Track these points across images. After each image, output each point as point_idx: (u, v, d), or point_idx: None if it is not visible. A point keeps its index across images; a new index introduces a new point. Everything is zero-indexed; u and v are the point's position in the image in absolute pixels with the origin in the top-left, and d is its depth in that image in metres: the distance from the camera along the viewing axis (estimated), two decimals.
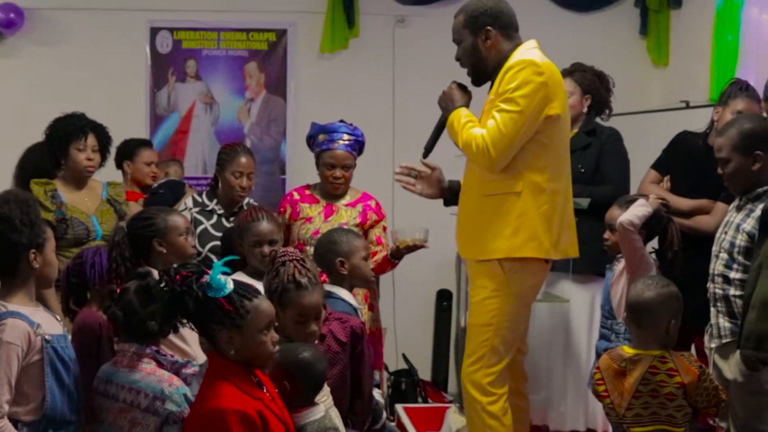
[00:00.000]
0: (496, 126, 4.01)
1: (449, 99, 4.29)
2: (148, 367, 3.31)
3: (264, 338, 3.00)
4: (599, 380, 3.79)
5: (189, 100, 7.36)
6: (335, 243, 4.14)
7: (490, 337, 4.16)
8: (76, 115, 5.02)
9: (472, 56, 4.22)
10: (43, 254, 3.32)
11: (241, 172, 5.05)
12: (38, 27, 7.18)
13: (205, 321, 3.02)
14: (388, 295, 6.85)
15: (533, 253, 4.14)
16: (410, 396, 6.77)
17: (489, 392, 4.16)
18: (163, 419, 3.21)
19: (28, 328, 3.20)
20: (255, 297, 3.02)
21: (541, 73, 4.02)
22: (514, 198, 4.10)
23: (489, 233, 4.14)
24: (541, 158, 4.12)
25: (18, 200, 3.30)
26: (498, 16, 4.18)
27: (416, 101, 7.02)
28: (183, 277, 3.00)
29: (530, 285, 4.28)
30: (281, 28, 7.36)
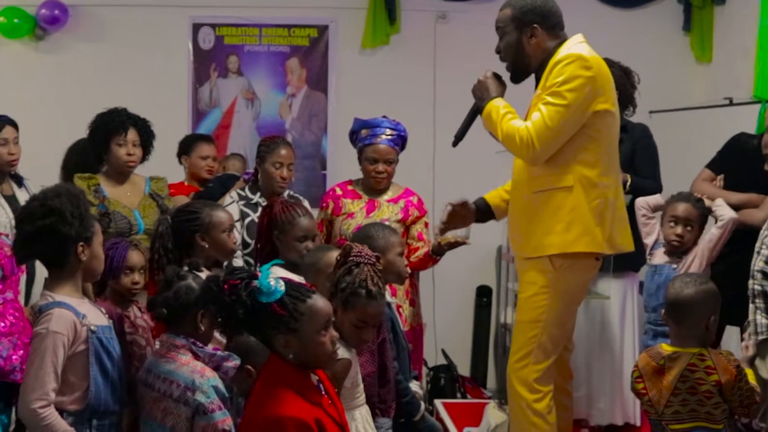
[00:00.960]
0: (542, 119, 3.98)
1: (484, 88, 4.25)
2: (183, 358, 3.35)
3: (322, 339, 2.92)
4: (638, 378, 3.79)
5: (231, 95, 7.39)
6: (371, 238, 4.13)
7: (538, 333, 4.14)
8: (116, 111, 5.04)
9: (515, 52, 4.19)
10: (90, 247, 3.35)
11: (281, 163, 5.10)
12: (82, 23, 7.25)
13: (259, 327, 2.95)
14: (428, 291, 6.84)
15: (586, 248, 4.11)
16: (449, 391, 6.77)
17: (535, 389, 4.15)
18: (193, 410, 3.24)
19: (75, 318, 3.24)
20: (309, 297, 2.93)
21: (590, 67, 3.99)
22: (565, 193, 4.07)
23: (541, 229, 4.12)
24: (592, 152, 4.09)
25: (69, 194, 3.34)
26: (546, 15, 4.15)
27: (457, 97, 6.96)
28: (231, 286, 2.92)
29: (580, 282, 4.26)
30: (323, 24, 7.38)
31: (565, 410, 4.44)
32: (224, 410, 3.27)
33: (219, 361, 3.40)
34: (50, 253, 3.34)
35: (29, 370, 3.20)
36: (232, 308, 2.90)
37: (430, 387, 6.77)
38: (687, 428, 3.64)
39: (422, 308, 5.52)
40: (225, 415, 3.26)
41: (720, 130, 5.53)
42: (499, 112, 4.13)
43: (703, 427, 3.64)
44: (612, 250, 4.25)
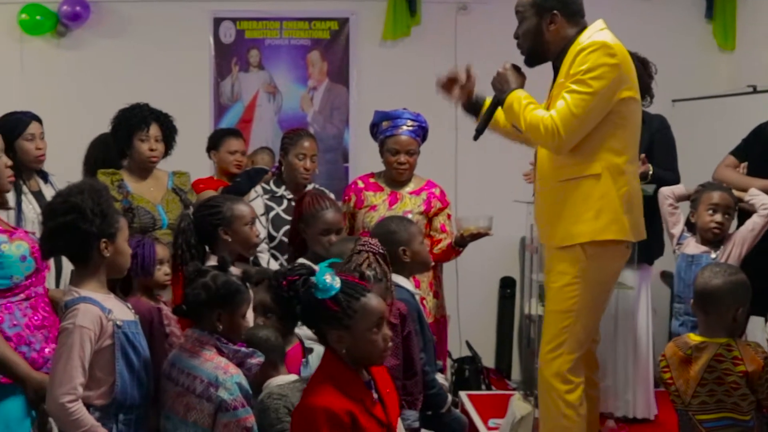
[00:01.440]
0: (567, 107, 3.95)
1: (504, 80, 4.22)
2: (208, 353, 3.35)
3: (374, 337, 2.99)
4: (665, 368, 3.78)
5: (252, 89, 7.41)
6: (394, 232, 4.14)
7: (570, 323, 4.12)
8: (138, 106, 5.07)
9: (534, 37, 4.17)
10: (114, 243, 3.35)
11: (304, 155, 5.12)
12: (103, 19, 7.28)
13: (314, 322, 3.05)
14: (452, 283, 6.83)
15: (616, 235, 4.09)
16: (474, 383, 6.76)
17: (568, 380, 4.13)
18: (216, 406, 3.25)
19: (100, 312, 3.26)
20: (363, 295, 3.01)
21: (614, 54, 3.97)
22: (594, 181, 4.05)
23: (570, 218, 4.10)
24: (619, 139, 4.07)
25: (92, 190, 3.35)
26: (567, 1, 4.12)
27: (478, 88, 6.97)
28: (289, 282, 3.01)
29: (611, 270, 4.24)
30: (343, 17, 7.38)
31: (592, 401, 4.43)
32: (247, 407, 3.28)
33: (243, 357, 3.40)
34: (73, 249, 3.36)
35: (56, 364, 3.22)
36: (289, 303, 3.02)
37: (455, 379, 6.76)
38: (713, 419, 3.62)
39: (446, 300, 5.52)
40: (248, 412, 3.27)
41: (743, 118, 5.49)
42: (521, 102, 4.10)
43: (729, 417, 3.61)
44: (636, 238, 4.23)
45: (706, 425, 3.64)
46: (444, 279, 5.55)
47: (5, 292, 3.44)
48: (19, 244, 3.48)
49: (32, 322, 3.48)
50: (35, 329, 3.47)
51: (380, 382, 3.09)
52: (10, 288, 3.45)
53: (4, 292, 3.44)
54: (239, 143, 6.31)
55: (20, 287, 3.47)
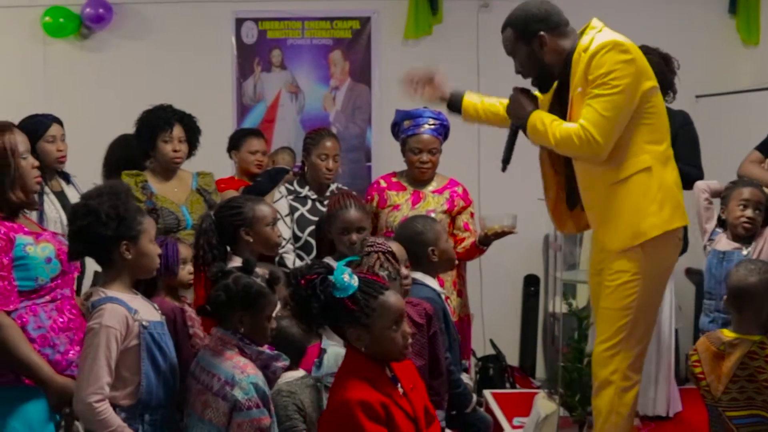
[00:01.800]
0: (596, 113, 3.89)
1: (519, 106, 4.18)
2: (229, 353, 3.35)
3: (393, 334, 3.00)
4: (696, 362, 3.79)
5: (275, 89, 7.43)
6: (421, 233, 4.13)
7: (630, 321, 4.05)
8: (162, 107, 5.07)
9: (534, 65, 4.12)
10: (137, 245, 3.36)
11: (327, 155, 5.12)
12: (126, 21, 7.32)
13: (334, 320, 3.06)
14: (475, 281, 6.82)
15: (682, 222, 4.06)
16: (498, 382, 6.75)
17: (628, 377, 4.06)
18: (231, 405, 3.24)
19: (126, 312, 3.27)
20: (381, 293, 3.01)
21: (627, 50, 3.92)
22: (647, 174, 3.99)
23: (635, 216, 4.01)
24: (656, 129, 4.03)
25: (111, 193, 3.36)
26: (546, 18, 4.06)
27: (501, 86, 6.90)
28: (308, 281, 3.02)
29: (668, 263, 4.19)
30: (365, 16, 7.38)
31: None
32: (262, 408, 3.26)
33: (267, 360, 3.40)
34: (94, 252, 3.40)
35: (83, 364, 3.23)
36: (307, 302, 3.03)
37: (479, 377, 6.76)
38: (743, 415, 3.63)
39: (470, 298, 5.51)
40: (263, 413, 3.26)
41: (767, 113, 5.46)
42: (544, 121, 4.05)
43: (758, 415, 3.63)
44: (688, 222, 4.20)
45: (736, 422, 3.65)
46: (468, 277, 5.54)
47: (30, 294, 3.45)
48: (45, 246, 3.49)
49: (57, 324, 3.49)
50: (60, 331, 3.48)
51: (403, 378, 3.10)
52: (35, 290, 3.46)
53: (29, 294, 3.45)
54: (260, 143, 6.32)
55: (45, 289, 3.48)
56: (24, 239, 3.45)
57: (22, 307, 3.41)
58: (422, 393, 3.20)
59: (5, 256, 3.38)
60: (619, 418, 4.08)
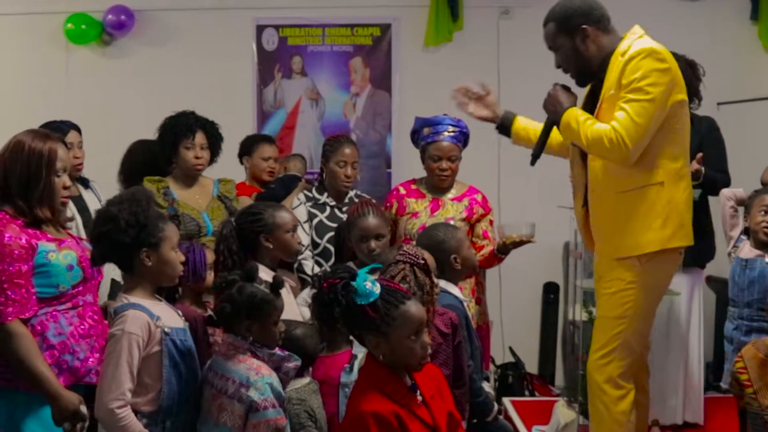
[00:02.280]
0: (628, 117, 3.92)
1: (556, 101, 4.21)
2: (242, 356, 3.37)
3: (412, 344, 2.99)
4: (742, 368, 3.82)
5: (295, 96, 7.44)
6: (443, 241, 4.12)
7: (624, 329, 4.12)
8: (184, 114, 5.09)
9: (575, 59, 4.17)
10: (158, 253, 3.38)
11: (345, 162, 5.12)
12: (147, 28, 7.35)
13: (354, 326, 3.06)
14: (495, 288, 6.82)
15: (682, 242, 4.10)
16: (517, 389, 6.74)
17: (620, 386, 4.13)
18: (247, 406, 3.26)
19: (148, 319, 3.29)
20: (403, 303, 3.00)
21: (664, 59, 3.96)
22: (657, 188, 4.03)
23: (637, 228, 4.07)
24: (676, 144, 4.06)
25: (132, 200, 3.38)
26: (589, 12, 4.11)
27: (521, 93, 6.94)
28: (330, 284, 3.02)
29: (666, 276, 4.23)
30: (385, 23, 7.40)
31: (642, 408, 4.41)
32: (278, 409, 3.28)
33: (279, 361, 3.41)
34: (114, 258, 3.42)
35: (105, 370, 3.25)
36: (329, 306, 3.03)
37: (498, 385, 6.74)
38: None
39: (489, 305, 5.50)
40: (279, 413, 3.28)
41: None
42: (578, 119, 4.08)
43: None
44: (692, 242, 4.22)
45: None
46: (487, 284, 5.54)
47: (51, 301, 3.47)
48: (67, 254, 3.50)
49: (78, 331, 3.49)
50: (80, 338, 3.49)
51: (424, 385, 3.09)
52: (56, 296, 3.47)
53: (50, 301, 3.46)
54: (273, 149, 6.34)
55: (66, 296, 3.49)
56: (46, 246, 3.46)
57: (42, 313, 3.43)
58: (447, 399, 3.20)
59: (25, 264, 3.39)
60: (618, 426, 4.12)
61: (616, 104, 3.99)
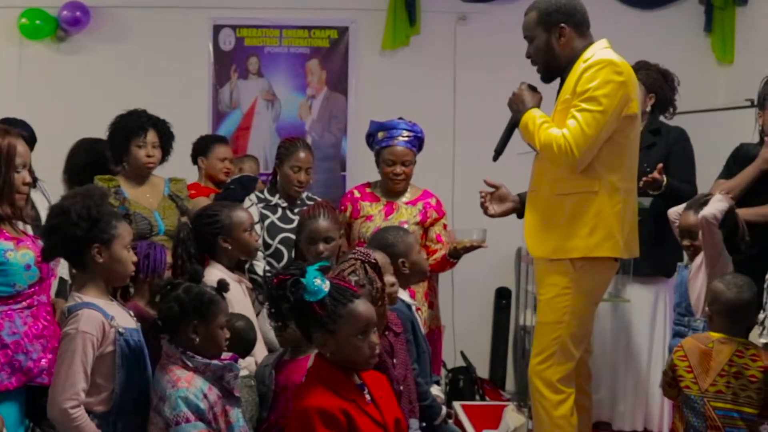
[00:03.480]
0: (579, 126, 3.98)
1: (520, 100, 4.26)
2: (172, 366, 3.30)
3: (359, 343, 2.98)
4: (682, 356, 4.00)
5: (251, 97, 7.42)
6: (392, 245, 4.11)
7: (561, 334, 4.16)
8: (136, 112, 5.05)
9: (546, 54, 4.20)
10: (109, 250, 3.34)
11: (300, 167, 5.10)
12: (103, 25, 7.29)
13: (302, 323, 3.05)
14: (447, 293, 6.84)
15: (608, 253, 4.14)
16: (468, 393, 6.77)
17: (559, 390, 4.17)
18: (165, 421, 3.20)
19: (103, 318, 3.25)
20: (351, 301, 3.00)
21: (621, 72, 4.01)
22: (592, 197, 4.09)
23: (564, 232, 4.13)
24: (618, 157, 4.11)
25: (85, 195, 3.35)
26: (571, 13, 4.15)
27: (477, 98, 7.01)
28: (280, 281, 3.01)
29: (600, 282, 4.28)
30: (343, 26, 7.39)
31: (585, 412, 4.45)
32: (196, 422, 3.17)
33: (218, 371, 3.33)
34: (65, 252, 3.39)
35: (59, 370, 3.22)
36: (278, 302, 3.02)
37: (449, 389, 6.76)
38: (726, 408, 3.89)
39: (441, 310, 5.52)
40: (197, 427, 3.17)
41: (742, 131, 5.48)
42: (536, 122, 4.14)
43: (739, 411, 3.88)
44: (628, 255, 4.28)
45: (718, 412, 3.90)
46: (440, 289, 5.55)
47: (7, 300, 3.43)
48: (25, 253, 3.46)
49: (32, 331, 3.46)
50: (34, 338, 3.46)
51: (372, 386, 3.09)
52: (13, 296, 3.43)
53: (6, 300, 3.43)
54: (228, 150, 6.32)
55: (23, 295, 3.46)
56: (4, 245, 3.43)
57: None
58: (394, 405, 3.20)
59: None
60: (559, 429, 4.17)
61: (569, 110, 4.04)
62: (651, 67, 5.42)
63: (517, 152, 4.43)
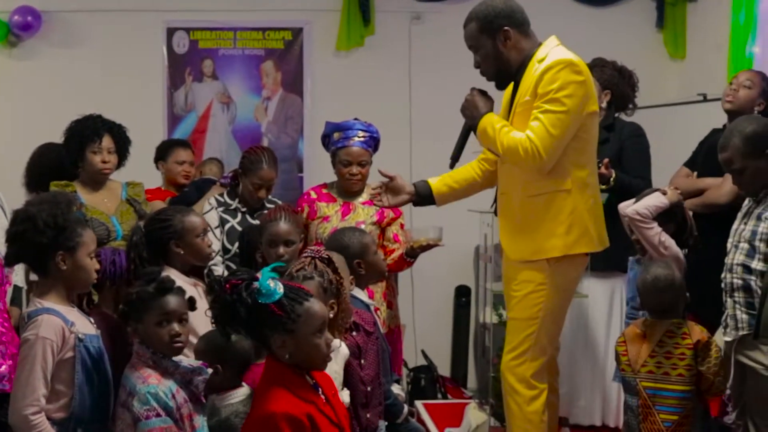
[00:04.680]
0: (543, 128, 3.99)
1: (473, 106, 4.25)
2: (141, 365, 3.33)
3: (317, 340, 2.98)
4: (622, 342, 4.28)
5: (206, 99, 7.39)
6: (348, 246, 4.11)
7: (535, 330, 4.19)
8: (91, 117, 5.03)
9: (495, 60, 4.19)
10: (74, 257, 3.34)
11: (261, 185, 5.07)
12: (55, 29, 7.22)
13: (257, 327, 3.02)
14: (407, 292, 6.86)
15: (586, 248, 4.20)
16: (429, 392, 6.78)
17: (533, 386, 4.20)
18: (133, 416, 3.21)
19: (63, 324, 3.25)
20: (306, 300, 2.99)
21: (580, 71, 4.04)
22: (564, 195, 4.12)
23: (541, 233, 4.15)
24: (584, 154, 4.15)
25: (52, 202, 3.36)
26: (511, 15, 4.16)
27: (432, 98, 7.02)
28: (233, 285, 2.99)
29: (574, 277, 4.32)
30: (297, 27, 7.38)
31: (552, 408, 4.48)
32: (164, 418, 3.21)
33: (187, 374, 3.37)
34: (29, 258, 3.37)
35: (19, 376, 3.20)
36: (233, 307, 2.98)
37: (411, 388, 6.77)
38: (656, 387, 4.12)
39: (401, 309, 5.52)
40: (165, 422, 3.21)
41: (694, 125, 5.56)
42: (495, 126, 4.14)
43: (669, 389, 4.10)
44: (602, 247, 4.32)
45: (648, 391, 4.12)
46: (400, 288, 5.56)
47: None
48: None
49: None
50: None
51: (324, 385, 3.10)
52: None
53: None
54: (187, 153, 6.29)
55: None
56: None
57: None
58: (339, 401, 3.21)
59: None
60: (531, 425, 4.21)
61: (530, 112, 4.06)
62: (607, 64, 5.47)
63: (472, 151, 4.45)
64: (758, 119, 4.14)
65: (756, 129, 3.95)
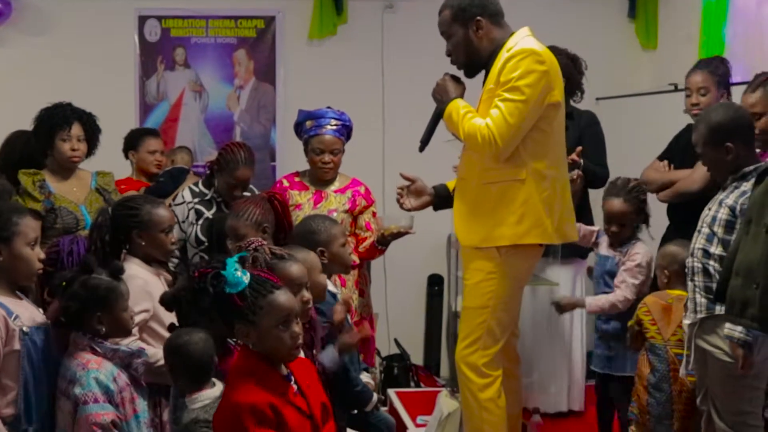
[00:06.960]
0: (501, 116, 4.01)
1: (443, 91, 4.27)
2: (81, 353, 3.28)
3: (280, 333, 2.96)
4: (646, 311, 4.43)
5: (178, 88, 7.35)
6: (314, 233, 4.09)
7: (486, 319, 4.20)
8: (61, 105, 5.01)
9: (466, 49, 4.20)
10: (9, 247, 3.29)
11: (236, 185, 5.01)
12: (26, 16, 7.16)
13: (222, 316, 3.03)
14: (380, 281, 6.86)
15: (537, 239, 4.19)
16: (402, 380, 6.79)
17: (485, 374, 4.21)
18: (73, 403, 3.18)
19: (4, 314, 3.20)
20: (271, 292, 2.97)
21: (543, 61, 4.04)
22: (518, 185, 4.12)
23: (492, 220, 4.16)
24: (543, 145, 4.15)
25: None
26: (485, 5, 4.17)
27: (405, 86, 7.02)
28: (201, 274, 3.00)
29: (525, 267, 4.33)
30: (270, 15, 7.35)
31: (514, 394, 4.49)
32: (103, 404, 3.18)
33: (125, 357, 3.33)
34: None
35: None
36: (199, 296, 3.02)
37: (384, 376, 6.78)
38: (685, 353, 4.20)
39: (374, 298, 5.53)
40: (104, 408, 3.18)
41: (666, 115, 5.57)
42: (459, 112, 4.16)
43: None
44: (560, 240, 4.34)
45: (679, 357, 4.24)
46: (372, 277, 5.57)
47: None
48: None
49: None
50: None
51: (299, 375, 3.09)
52: None
53: None
54: (158, 143, 6.27)
55: None
56: None
57: None
58: (320, 391, 3.20)
59: None
60: (486, 412, 4.22)
61: (492, 100, 4.07)
62: (560, 53, 5.44)
63: (443, 140, 4.45)
64: (728, 109, 4.12)
65: (721, 120, 3.96)
